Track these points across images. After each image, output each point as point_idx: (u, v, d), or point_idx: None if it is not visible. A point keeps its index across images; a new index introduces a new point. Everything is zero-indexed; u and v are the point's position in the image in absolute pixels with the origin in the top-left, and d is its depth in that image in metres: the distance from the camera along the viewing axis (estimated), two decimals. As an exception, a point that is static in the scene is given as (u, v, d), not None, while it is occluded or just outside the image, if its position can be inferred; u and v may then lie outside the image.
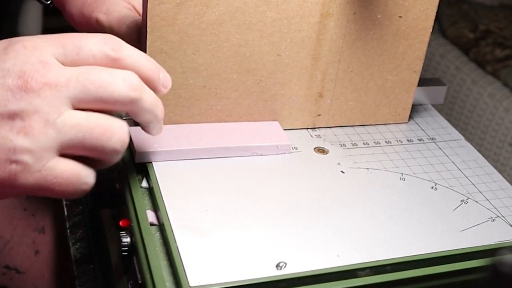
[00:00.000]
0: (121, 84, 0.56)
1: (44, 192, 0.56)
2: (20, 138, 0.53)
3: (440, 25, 2.21)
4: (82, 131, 0.55)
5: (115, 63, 0.58)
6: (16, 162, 0.54)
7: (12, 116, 0.53)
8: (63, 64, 0.56)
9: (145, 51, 0.70)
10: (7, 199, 0.81)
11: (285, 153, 0.76)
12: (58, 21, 1.01)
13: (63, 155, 0.56)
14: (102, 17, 0.79)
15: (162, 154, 0.71)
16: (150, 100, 0.59)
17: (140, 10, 0.81)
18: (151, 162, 0.70)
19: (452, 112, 2.09)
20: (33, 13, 1.86)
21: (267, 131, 0.78)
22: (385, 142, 0.81)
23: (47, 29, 1.89)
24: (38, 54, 0.55)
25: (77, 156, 0.57)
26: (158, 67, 0.61)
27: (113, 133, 0.56)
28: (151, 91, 0.59)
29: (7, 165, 0.54)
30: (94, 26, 0.80)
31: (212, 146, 0.73)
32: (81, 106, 0.56)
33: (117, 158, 0.58)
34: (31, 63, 0.55)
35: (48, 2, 0.89)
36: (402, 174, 0.75)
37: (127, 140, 0.58)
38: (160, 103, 0.61)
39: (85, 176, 0.57)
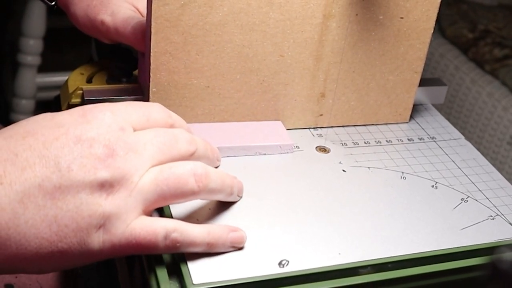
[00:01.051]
0: (189, 176, 0.59)
1: (123, 253, 0.57)
2: (108, 203, 0.54)
3: (439, 25, 2.21)
4: (159, 184, 0.57)
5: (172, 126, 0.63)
6: (104, 226, 0.54)
7: (103, 183, 0.54)
8: (135, 128, 0.59)
9: (149, 52, 0.71)
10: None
11: (288, 152, 0.76)
12: (62, 21, 1.01)
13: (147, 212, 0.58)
14: (107, 18, 0.79)
15: None
16: (217, 181, 0.61)
17: (144, 12, 0.81)
18: None
19: (451, 111, 2.09)
20: (37, 13, 1.85)
21: (270, 131, 0.78)
22: (386, 141, 0.81)
23: (51, 29, 1.89)
24: (119, 121, 0.58)
25: None
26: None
27: (188, 178, 0.58)
28: (216, 171, 0.61)
29: (95, 231, 0.54)
30: (99, 28, 0.80)
31: (216, 145, 0.73)
32: (155, 164, 0.58)
33: (198, 197, 0.60)
34: (113, 131, 0.56)
35: (52, 3, 0.89)
36: (402, 173, 0.75)
37: (205, 181, 0.59)
38: (228, 179, 0.64)
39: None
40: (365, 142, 0.80)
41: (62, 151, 0.54)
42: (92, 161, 0.54)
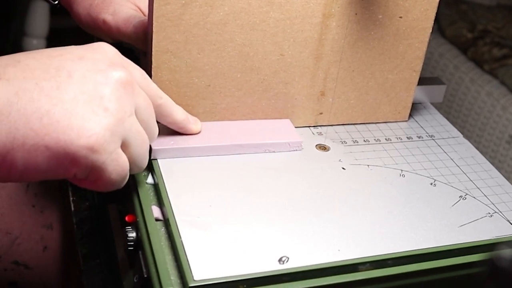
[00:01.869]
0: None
1: (101, 176, 0.59)
2: (107, 116, 0.57)
3: (439, 25, 2.21)
4: (138, 137, 0.61)
5: None
6: (98, 135, 0.56)
7: (101, 96, 0.58)
8: None
9: (151, 51, 0.71)
10: (16, 195, 0.82)
11: (296, 150, 0.76)
12: (65, 20, 1.01)
13: None
14: (109, 18, 0.79)
15: (178, 151, 0.72)
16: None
17: (146, 11, 0.81)
18: (156, 159, 0.70)
19: (450, 110, 2.09)
20: (40, 13, 1.86)
21: (279, 129, 0.78)
22: (385, 139, 0.81)
23: (54, 29, 1.90)
24: (121, 56, 0.63)
25: None
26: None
27: (147, 149, 0.63)
28: None
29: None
30: (101, 27, 0.80)
31: (227, 143, 0.74)
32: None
33: (136, 171, 0.64)
34: (117, 59, 0.62)
35: (56, 2, 0.89)
36: (401, 170, 0.75)
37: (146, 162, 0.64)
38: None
39: (128, 172, 0.62)
40: (364, 140, 0.80)
41: (65, 63, 0.58)
42: (93, 74, 0.58)
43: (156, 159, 0.70)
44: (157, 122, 0.66)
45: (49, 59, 0.58)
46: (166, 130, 0.72)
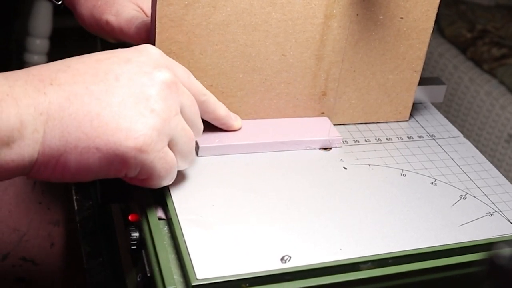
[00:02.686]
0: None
1: (151, 174, 0.61)
2: (154, 117, 0.59)
3: (438, 25, 2.21)
4: (184, 135, 0.63)
5: None
6: (145, 135, 0.58)
7: (148, 98, 0.60)
8: None
9: (154, 51, 0.71)
10: (23, 192, 0.82)
11: (336, 146, 0.78)
12: (68, 21, 1.01)
13: None
14: (112, 18, 0.79)
15: (223, 148, 0.73)
16: None
17: (148, 12, 0.81)
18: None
19: (450, 109, 2.09)
20: (43, 13, 1.86)
21: (318, 126, 0.79)
22: (386, 139, 0.81)
23: (58, 29, 1.89)
24: (165, 58, 0.65)
25: None
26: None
27: (193, 146, 0.65)
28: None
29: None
30: (104, 28, 0.80)
31: (270, 140, 0.75)
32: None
33: (183, 167, 0.65)
34: (161, 62, 0.63)
35: (59, 3, 0.89)
36: (402, 170, 0.75)
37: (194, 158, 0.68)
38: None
39: (176, 169, 0.64)
40: (365, 140, 0.80)
41: (113, 66, 0.60)
42: (139, 76, 0.60)
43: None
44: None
45: (97, 63, 0.60)
46: (208, 127, 0.73)
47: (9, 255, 0.85)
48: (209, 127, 0.74)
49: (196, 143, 0.72)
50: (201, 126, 0.67)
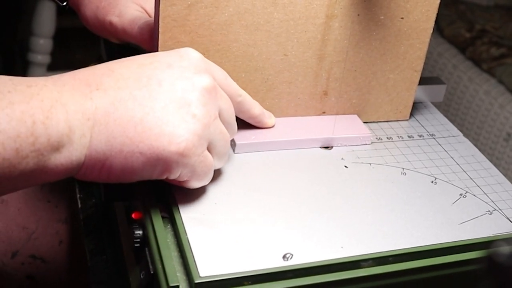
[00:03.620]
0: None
1: (191, 176, 0.62)
2: (195, 122, 0.60)
3: (438, 25, 2.21)
4: (222, 138, 0.64)
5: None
6: (187, 140, 0.59)
7: (189, 103, 0.61)
8: None
9: (157, 51, 0.71)
10: (31, 191, 0.82)
11: (366, 143, 0.78)
12: (71, 21, 1.01)
13: None
14: (115, 19, 0.79)
15: (258, 145, 0.74)
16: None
17: (151, 12, 0.81)
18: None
19: (449, 108, 2.09)
20: (47, 13, 1.86)
21: (348, 123, 0.80)
22: (387, 138, 0.81)
23: (61, 29, 1.89)
24: (206, 62, 0.65)
25: None
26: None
27: (229, 147, 0.67)
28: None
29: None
30: (107, 29, 0.80)
31: (304, 137, 0.76)
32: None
33: (219, 166, 0.67)
34: (202, 66, 0.64)
35: (64, 4, 0.89)
36: (403, 169, 0.75)
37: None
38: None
39: (213, 170, 0.66)
40: (366, 139, 0.80)
41: (155, 72, 0.61)
42: (181, 82, 0.61)
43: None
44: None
45: (140, 67, 0.61)
46: (242, 124, 0.75)
47: (19, 253, 0.85)
48: (243, 124, 0.75)
49: (233, 140, 0.73)
50: (236, 126, 0.69)
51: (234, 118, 0.68)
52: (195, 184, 0.64)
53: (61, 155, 0.57)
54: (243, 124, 0.75)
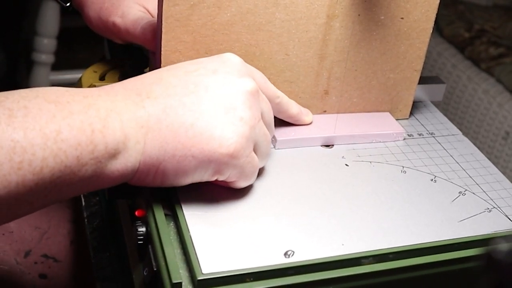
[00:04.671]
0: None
1: (239, 176, 0.64)
2: (242, 125, 0.62)
3: (437, 25, 2.21)
4: (265, 139, 0.66)
5: None
6: (236, 143, 0.61)
7: (235, 107, 0.63)
8: None
9: (160, 51, 0.71)
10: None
11: (399, 139, 0.80)
12: (75, 21, 1.01)
13: None
14: (118, 20, 0.79)
15: (298, 141, 0.76)
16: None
17: (153, 13, 0.81)
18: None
19: (448, 107, 2.09)
20: (51, 13, 1.86)
21: (381, 120, 0.82)
22: (387, 136, 0.81)
23: (65, 29, 1.89)
24: (247, 66, 0.68)
25: None
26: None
27: (270, 146, 0.69)
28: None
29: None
30: (111, 29, 0.80)
31: (340, 134, 0.77)
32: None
33: (261, 166, 0.68)
34: (243, 70, 0.66)
35: (67, 5, 0.89)
36: (403, 167, 0.75)
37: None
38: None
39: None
40: (366, 138, 0.80)
41: (201, 78, 0.63)
42: (226, 87, 0.63)
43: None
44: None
45: (187, 75, 0.63)
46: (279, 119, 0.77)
47: (31, 252, 0.85)
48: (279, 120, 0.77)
49: (273, 136, 0.75)
50: (273, 128, 0.71)
51: (273, 119, 0.70)
52: (242, 184, 0.66)
53: (117, 161, 0.59)
54: (278, 119, 0.76)
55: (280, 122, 0.77)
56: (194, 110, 0.61)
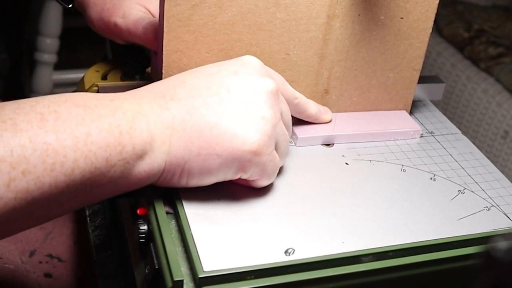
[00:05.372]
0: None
1: (262, 175, 0.65)
2: (265, 123, 0.63)
3: (437, 25, 2.21)
4: (285, 139, 0.67)
5: None
6: (259, 140, 0.62)
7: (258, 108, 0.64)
8: None
9: (162, 50, 0.71)
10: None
11: (416, 137, 0.80)
12: (77, 21, 1.01)
13: None
14: (120, 21, 0.79)
15: (318, 139, 0.76)
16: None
17: (155, 13, 0.81)
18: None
19: (447, 106, 2.09)
20: (53, 13, 1.86)
21: (398, 119, 0.82)
22: (387, 135, 0.81)
23: (67, 29, 1.89)
24: (265, 68, 0.69)
25: None
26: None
27: (289, 145, 0.70)
28: None
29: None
30: (112, 30, 0.81)
31: (359, 131, 0.78)
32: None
33: (280, 165, 0.69)
34: (263, 72, 0.67)
35: (70, 6, 0.89)
36: (402, 165, 0.75)
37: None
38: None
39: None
40: (366, 137, 0.80)
41: (223, 79, 0.64)
42: (248, 87, 0.64)
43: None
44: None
45: (209, 77, 0.65)
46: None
47: (36, 252, 0.86)
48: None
49: (294, 133, 0.76)
50: (291, 128, 0.72)
51: (291, 119, 0.71)
52: (263, 182, 0.66)
53: (144, 162, 0.60)
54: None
55: (298, 120, 0.77)
56: (218, 110, 0.62)
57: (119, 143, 0.58)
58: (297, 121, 0.77)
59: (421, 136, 0.81)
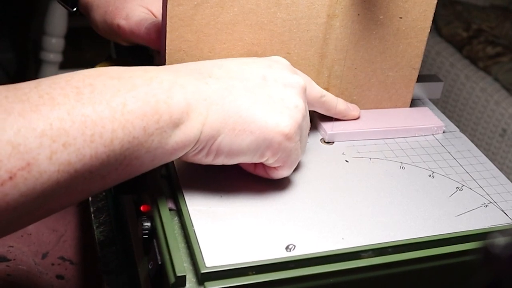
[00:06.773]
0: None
1: (285, 162, 0.66)
2: (297, 111, 0.65)
3: (436, 25, 2.20)
4: (306, 135, 0.69)
5: None
6: (291, 125, 0.64)
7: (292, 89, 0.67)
8: None
9: (164, 50, 0.71)
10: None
11: (439, 133, 0.81)
12: (82, 21, 1.01)
13: None
14: (123, 22, 0.79)
15: (348, 135, 0.77)
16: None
17: (157, 14, 0.81)
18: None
19: (446, 105, 2.09)
20: (59, 13, 1.86)
21: (421, 115, 0.83)
22: (386, 133, 0.81)
23: (72, 29, 1.89)
24: (293, 68, 0.70)
25: None
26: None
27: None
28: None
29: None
30: (116, 32, 0.81)
31: (386, 128, 0.79)
32: None
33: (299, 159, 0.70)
34: (291, 72, 0.68)
35: (74, 9, 0.90)
36: (402, 163, 0.75)
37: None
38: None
39: None
40: (366, 134, 0.80)
41: (259, 69, 0.66)
42: (282, 79, 0.66)
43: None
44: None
45: (245, 65, 0.66)
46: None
47: (49, 254, 0.86)
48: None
49: (323, 130, 0.77)
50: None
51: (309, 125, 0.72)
52: (284, 172, 0.67)
53: (180, 131, 0.59)
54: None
55: (326, 117, 0.79)
56: (255, 92, 0.63)
57: (156, 111, 0.57)
58: (325, 118, 0.79)
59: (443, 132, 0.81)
